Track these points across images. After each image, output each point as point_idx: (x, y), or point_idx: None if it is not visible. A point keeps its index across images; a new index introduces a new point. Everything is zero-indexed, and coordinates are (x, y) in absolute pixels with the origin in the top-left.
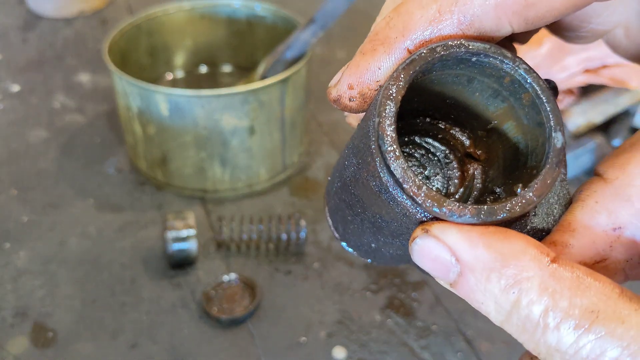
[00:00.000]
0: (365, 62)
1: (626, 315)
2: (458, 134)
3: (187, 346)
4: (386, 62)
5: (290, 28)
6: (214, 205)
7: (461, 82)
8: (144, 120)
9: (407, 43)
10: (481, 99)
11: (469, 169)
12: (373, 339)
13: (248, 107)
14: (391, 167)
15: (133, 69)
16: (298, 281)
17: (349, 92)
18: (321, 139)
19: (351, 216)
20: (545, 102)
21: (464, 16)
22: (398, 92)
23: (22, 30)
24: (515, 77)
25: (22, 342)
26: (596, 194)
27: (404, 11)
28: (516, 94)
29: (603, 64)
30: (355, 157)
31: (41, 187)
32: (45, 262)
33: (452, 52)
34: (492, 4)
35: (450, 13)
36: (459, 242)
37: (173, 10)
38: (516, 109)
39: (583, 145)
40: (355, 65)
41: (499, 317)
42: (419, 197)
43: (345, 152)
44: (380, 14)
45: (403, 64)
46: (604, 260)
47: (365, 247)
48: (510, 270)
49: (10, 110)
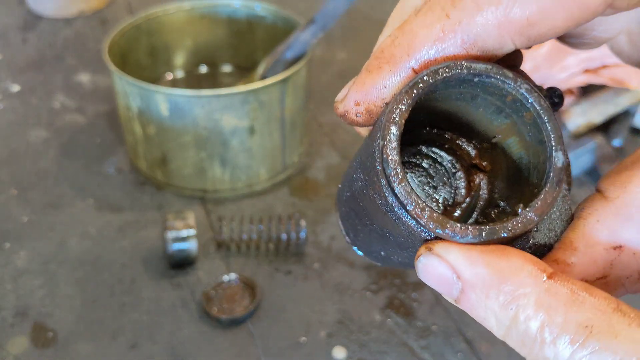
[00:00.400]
0: (371, 80)
1: (620, 330)
2: (464, 145)
3: (187, 346)
4: (392, 81)
5: (290, 28)
6: (214, 205)
7: (465, 99)
8: (144, 120)
9: (412, 62)
10: (485, 114)
11: (475, 179)
12: (373, 339)
13: (248, 107)
14: (395, 190)
15: (133, 69)
16: (298, 281)
17: (356, 108)
18: (321, 140)
19: (360, 226)
20: (546, 122)
21: (467, 36)
22: (401, 116)
23: (22, 30)
24: (517, 97)
25: (22, 342)
26: (597, 212)
27: (408, 30)
28: (518, 112)
29: (603, 64)
30: (363, 173)
31: (41, 187)
32: (45, 262)
33: (454, 74)
34: (495, 24)
35: (453, 33)
36: (460, 260)
37: (173, 10)
38: (519, 126)
39: (583, 145)
40: (361, 82)
41: (500, 331)
42: (422, 219)
43: (354, 164)
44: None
45: (406, 87)
46: (605, 277)
47: (375, 254)
48: (508, 286)
49: (10, 110)
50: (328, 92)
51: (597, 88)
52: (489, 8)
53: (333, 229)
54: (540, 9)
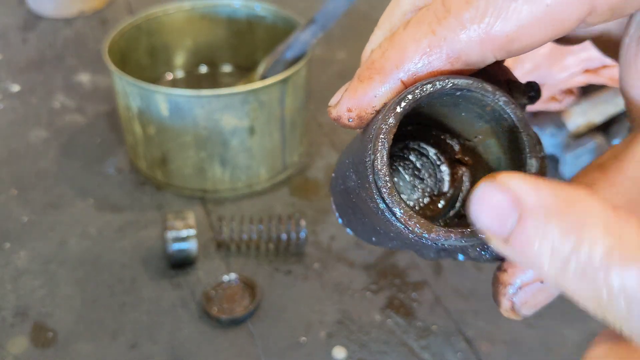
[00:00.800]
0: (362, 90)
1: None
2: (448, 140)
3: (187, 346)
4: (381, 91)
5: (290, 28)
6: (214, 205)
7: (448, 105)
8: (144, 120)
9: (400, 74)
10: (467, 117)
11: (458, 172)
12: (373, 339)
13: (248, 107)
14: (386, 200)
15: (133, 69)
16: (298, 281)
17: (348, 114)
18: (321, 140)
19: (353, 216)
20: (521, 131)
21: (452, 51)
22: (390, 131)
23: (22, 30)
24: (496, 108)
25: (22, 342)
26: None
27: (397, 42)
28: (497, 120)
29: (603, 64)
30: (355, 174)
31: (41, 187)
32: (45, 262)
33: (438, 89)
34: (477, 40)
35: (439, 48)
36: (523, 186)
37: (173, 10)
38: (497, 132)
39: (583, 145)
40: (353, 91)
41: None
42: (409, 226)
43: (346, 162)
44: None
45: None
46: None
47: (367, 238)
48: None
49: (10, 110)
50: (328, 92)
51: (597, 88)
52: (471, 26)
53: (333, 229)
54: (518, 27)
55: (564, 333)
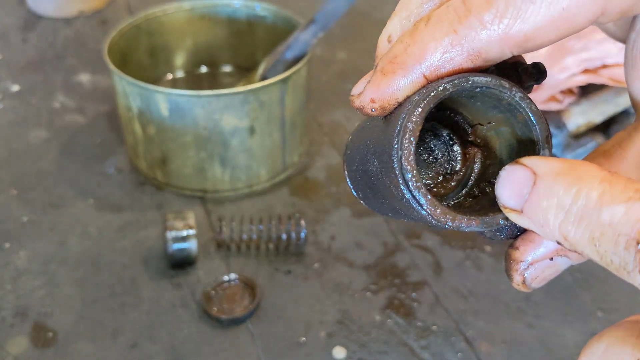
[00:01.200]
0: (386, 83)
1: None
2: (461, 121)
3: (187, 346)
4: (404, 84)
5: (291, 28)
6: (214, 205)
7: (465, 97)
8: (144, 121)
9: (422, 69)
10: (482, 107)
11: (470, 152)
12: (373, 339)
13: (248, 107)
14: (413, 192)
15: (133, 69)
16: (298, 281)
17: (371, 104)
18: (321, 140)
19: (372, 194)
20: (536, 124)
21: (472, 49)
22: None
23: (22, 30)
24: (512, 102)
25: (22, 342)
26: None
27: (419, 39)
28: (512, 112)
29: (603, 64)
30: (379, 162)
31: (41, 187)
32: (45, 262)
33: (459, 88)
34: (497, 39)
35: (460, 46)
36: (538, 161)
37: (173, 10)
38: (512, 121)
39: (583, 145)
40: (377, 83)
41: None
42: (435, 215)
43: (366, 144)
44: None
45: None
46: None
47: (383, 213)
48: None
49: (10, 110)
50: (328, 92)
51: (597, 88)
52: (491, 26)
53: (333, 229)
54: (535, 27)
55: (564, 333)
